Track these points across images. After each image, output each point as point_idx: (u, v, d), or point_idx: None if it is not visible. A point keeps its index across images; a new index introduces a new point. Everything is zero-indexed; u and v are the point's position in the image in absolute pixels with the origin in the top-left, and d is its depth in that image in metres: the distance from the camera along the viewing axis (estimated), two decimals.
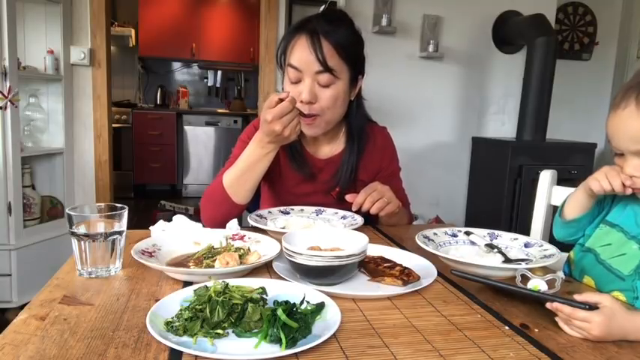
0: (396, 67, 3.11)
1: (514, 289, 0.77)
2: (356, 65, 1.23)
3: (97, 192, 2.84)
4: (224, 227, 1.06)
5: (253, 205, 1.52)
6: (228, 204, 1.16)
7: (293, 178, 1.32)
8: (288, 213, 1.24)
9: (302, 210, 1.25)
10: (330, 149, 1.34)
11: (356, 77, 1.25)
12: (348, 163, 1.30)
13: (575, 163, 3.08)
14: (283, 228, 1.11)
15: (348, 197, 1.18)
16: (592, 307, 0.67)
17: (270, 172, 1.32)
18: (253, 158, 1.14)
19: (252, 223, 1.12)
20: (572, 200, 1.02)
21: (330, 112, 1.21)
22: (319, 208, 1.27)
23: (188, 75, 5.87)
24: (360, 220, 1.16)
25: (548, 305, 0.70)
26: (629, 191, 0.88)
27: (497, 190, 3.13)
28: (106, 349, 0.59)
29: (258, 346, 0.60)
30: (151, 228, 1.03)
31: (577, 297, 0.71)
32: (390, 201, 1.19)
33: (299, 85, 1.18)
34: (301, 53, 1.16)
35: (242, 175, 1.16)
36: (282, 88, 1.26)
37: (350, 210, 1.21)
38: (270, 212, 1.23)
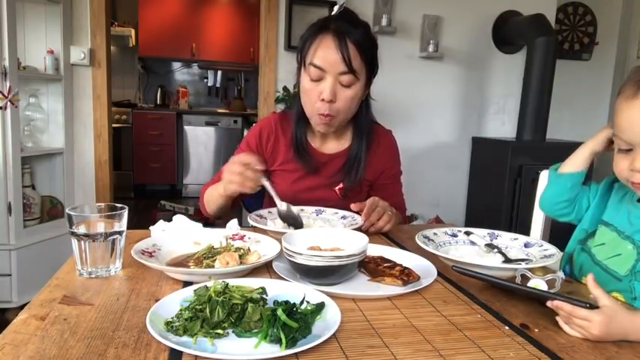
0: (396, 67, 3.11)
1: (515, 286, 0.77)
2: (372, 67, 1.25)
3: (97, 192, 2.84)
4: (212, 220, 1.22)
5: (256, 203, 1.52)
6: (204, 209, 1.36)
7: (296, 172, 1.33)
8: None
9: (302, 210, 1.25)
10: (337, 145, 1.36)
11: (370, 78, 1.27)
12: (355, 160, 1.32)
13: None
14: (284, 227, 1.11)
15: (354, 206, 1.19)
16: (593, 305, 0.67)
17: (271, 169, 1.34)
18: (215, 190, 1.26)
19: (252, 223, 1.12)
20: (572, 157, 1.04)
21: (344, 113, 1.24)
22: (319, 208, 1.27)
23: (188, 75, 5.87)
24: (359, 220, 1.16)
25: (548, 303, 0.70)
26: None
27: (497, 190, 3.13)
28: (106, 349, 0.59)
29: (258, 346, 0.60)
30: (151, 228, 1.03)
31: (589, 281, 0.71)
32: (392, 214, 1.21)
33: (320, 83, 1.20)
34: (327, 53, 1.17)
35: (209, 196, 1.31)
36: (297, 83, 1.28)
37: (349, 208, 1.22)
38: (270, 212, 1.23)
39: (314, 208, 1.26)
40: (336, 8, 2.38)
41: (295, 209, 1.18)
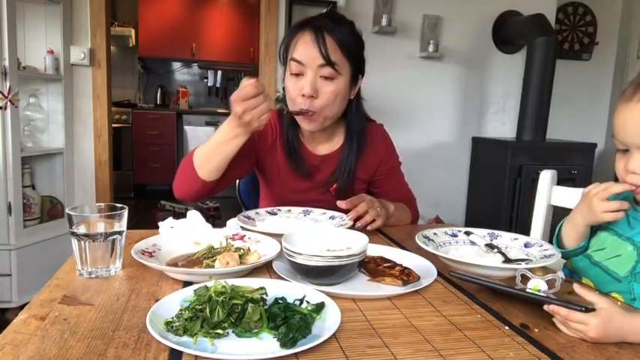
0: (396, 67, 3.11)
1: (511, 290, 0.76)
2: (357, 64, 1.24)
3: (97, 192, 2.84)
4: (189, 199, 1.15)
5: (252, 202, 1.52)
6: (192, 176, 1.14)
7: (291, 174, 1.32)
8: (275, 214, 1.23)
9: (289, 210, 1.25)
10: (328, 146, 1.35)
11: (356, 76, 1.26)
12: (346, 162, 1.31)
13: (575, 163, 3.08)
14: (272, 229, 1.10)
15: (341, 204, 1.17)
16: (588, 308, 0.66)
17: (268, 169, 1.33)
18: (222, 138, 1.10)
19: (240, 224, 1.10)
20: (572, 232, 0.98)
21: (328, 109, 1.22)
22: (307, 208, 1.26)
23: (188, 75, 5.87)
24: (349, 220, 1.16)
25: (545, 307, 0.70)
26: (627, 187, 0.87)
27: (497, 190, 3.13)
28: (106, 349, 0.59)
29: (260, 336, 0.61)
30: (159, 224, 1.03)
31: (577, 289, 0.71)
32: (383, 210, 1.20)
33: (301, 79, 1.19)
34: (305, 47, 1.17)
35: (209, 151, 1.13)
36: (283, 85, 1.27)
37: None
38: (257, 213, 1.22)
39: (301, 209, 1.25)
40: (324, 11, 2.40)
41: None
